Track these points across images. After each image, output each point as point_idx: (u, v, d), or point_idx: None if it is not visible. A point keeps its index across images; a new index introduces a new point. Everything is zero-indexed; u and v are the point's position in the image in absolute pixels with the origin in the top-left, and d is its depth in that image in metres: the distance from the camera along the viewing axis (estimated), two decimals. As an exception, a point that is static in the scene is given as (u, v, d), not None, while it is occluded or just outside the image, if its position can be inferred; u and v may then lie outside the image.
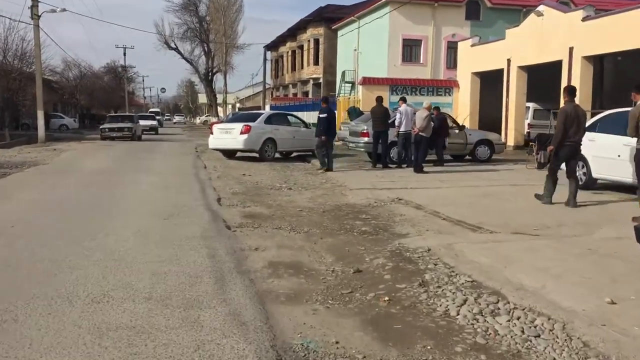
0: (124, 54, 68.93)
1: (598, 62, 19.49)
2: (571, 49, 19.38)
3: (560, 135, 9.01)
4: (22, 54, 32.15)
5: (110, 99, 64.40)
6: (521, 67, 22.64)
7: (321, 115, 14.91)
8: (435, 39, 35.96)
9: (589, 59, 19.09)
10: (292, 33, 58.05)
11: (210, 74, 65.49)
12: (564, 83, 19.78)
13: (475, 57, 25.91)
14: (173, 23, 63.03)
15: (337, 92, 44.79)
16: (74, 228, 7.18)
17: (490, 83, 25.30)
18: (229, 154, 18.47)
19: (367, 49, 38.89)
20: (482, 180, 12.68)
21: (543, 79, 23.00)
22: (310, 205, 9.44)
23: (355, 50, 41.30)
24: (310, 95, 53.00)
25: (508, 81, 23.22)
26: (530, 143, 15.00)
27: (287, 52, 61.86)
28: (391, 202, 9.85)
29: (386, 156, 15.19)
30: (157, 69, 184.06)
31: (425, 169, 13.87)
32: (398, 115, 14.90)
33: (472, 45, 26.36)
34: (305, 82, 56.28)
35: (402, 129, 14.85)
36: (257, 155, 17.53)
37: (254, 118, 17.71)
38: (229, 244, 6.42)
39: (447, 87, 27.92)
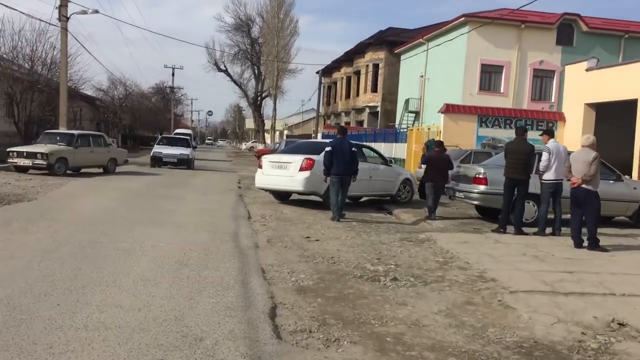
0: (173, 74, 66.10)
1: None
2: None
3: None
4: (52, 62, 28.40)
5: (157, 120, 61.16)
6: (666, 98, 17.28)
7: (328, 149, 11.12)
8: (519, 65, 31.01)
9: None
10: (349, 57, 53.84)
11: (259, 98, 61.60)
12: None
13: (592, 84, 20.60)
14: (224, 44, 59.47)
15: (397, 122, 39.98)
16: None
17: (611, 117, 19.96)
18: (282, 194, 13.70)
19: (437, 75, 34.05)
20: None
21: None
22: (466, 345, 4.45)
23: (421, 76, 36.47)
24: (365, 125, 48.41)
25: (645, 116, 17.84)
26: None
27: (342, 77, 57.63)
28: (613, 334, 4.86)
29: (521, 217, 10.07)
30: (206, 94, 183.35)
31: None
32: (545, 157, 9.78)
33: (587, 70, 21.07)
34: (360, 111, 51.75)
35: (552, 176, 9.77)
36: (320, 199, 12.73)
37: (317, 149, 12.87)
38: None
39: (550, 120, 22.64)
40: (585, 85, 20.96)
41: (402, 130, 31.35)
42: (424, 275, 6.71)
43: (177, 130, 43.42)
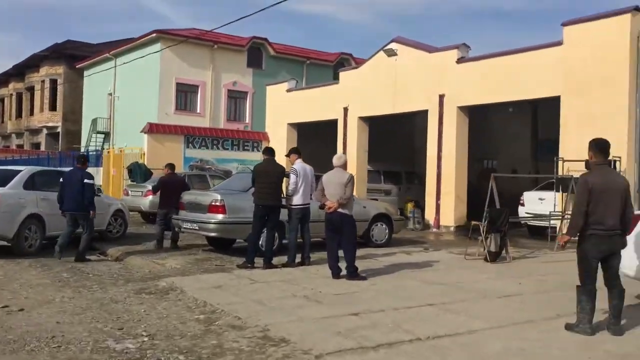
0: None
1: (476, 113, 16.04)
2: (441, 97, 15.69)
3: (577, 218, 5.30)
4: None
5: None
6: (363, 118, 18.40)
7: (61, 180, 9.79)
8: (214, 85, 30.69)
9: (464, 109, 15.58)
10: (20, 72, 47.03)
11: None
12: (431, 136, 16.09)
13: (294, 105, 21.07)
14: None
15: (84, 143, 36.13)
16: None
17: (313, 136, 20.59)
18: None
19: (129, 93, 31.65)
20: (469, 293, 7.34)
21: (383, 133, 19.17)
22: None
23: (110, 94, 33.60)
24: (43, 147, 42.81)
25: (345, 135, 18.74)
26: (474, 222, 10.43)
27: (11, 94, 50.15)
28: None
29: (272, 247, 8.94)
30: None
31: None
32: (293, 179, 8.87)
33: (288, 91, 21.51)
34: (36, 132, 45.64)
35: (299, 201, 8.89)
36: (7, 244, 9.74)
37: (3, 179, 9.87)
38: None
39: (256, 140, 22.56)
40: (287, 106, 21.36)
41: (91, 153, 28.16)
42: (194, 347, 4.96)
43: None
